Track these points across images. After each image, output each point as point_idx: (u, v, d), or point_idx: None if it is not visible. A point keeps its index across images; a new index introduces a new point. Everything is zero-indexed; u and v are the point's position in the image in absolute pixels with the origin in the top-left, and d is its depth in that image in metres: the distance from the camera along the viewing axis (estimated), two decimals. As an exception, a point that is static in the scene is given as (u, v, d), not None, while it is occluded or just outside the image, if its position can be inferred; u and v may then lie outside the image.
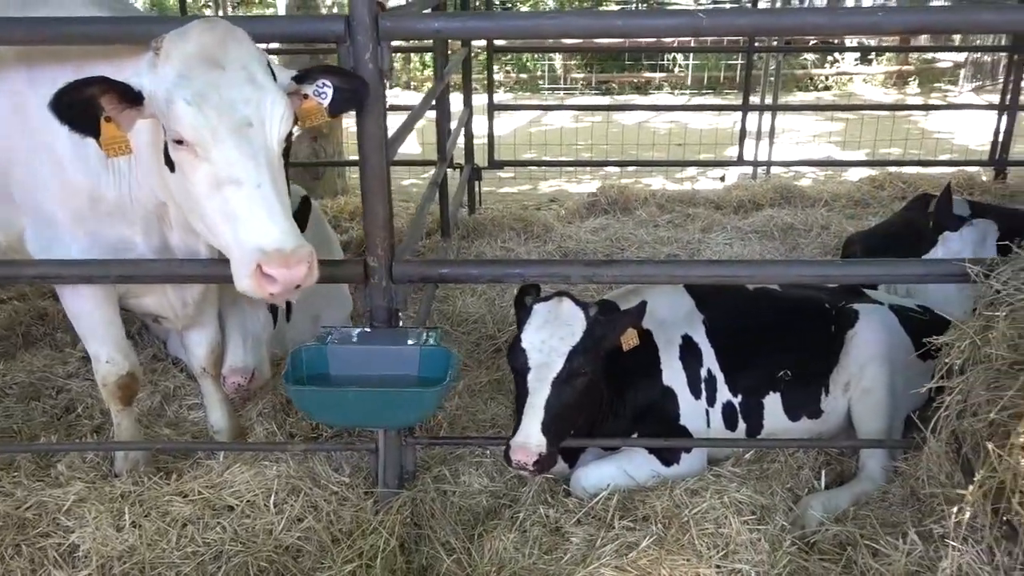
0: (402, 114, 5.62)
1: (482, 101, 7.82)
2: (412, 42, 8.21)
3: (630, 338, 3.13)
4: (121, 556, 2.89)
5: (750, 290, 3.72)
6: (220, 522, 3.05)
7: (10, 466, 3.38)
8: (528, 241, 6.36)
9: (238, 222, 2.35)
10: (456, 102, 7.28)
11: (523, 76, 17.72)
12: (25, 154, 2.85)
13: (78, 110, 2.34)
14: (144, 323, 4.52)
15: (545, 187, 9.37)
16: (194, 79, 2.36)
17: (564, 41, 11.29)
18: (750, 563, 2.83)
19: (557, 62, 17.73)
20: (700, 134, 9.58)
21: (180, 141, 2.39)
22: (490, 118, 7.65)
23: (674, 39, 11.68)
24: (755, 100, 9.06)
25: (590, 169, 9.66)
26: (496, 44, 8.28)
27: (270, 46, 8.49)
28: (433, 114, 5.95)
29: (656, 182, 8.92)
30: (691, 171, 9.52)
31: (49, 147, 2.79)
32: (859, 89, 17.08)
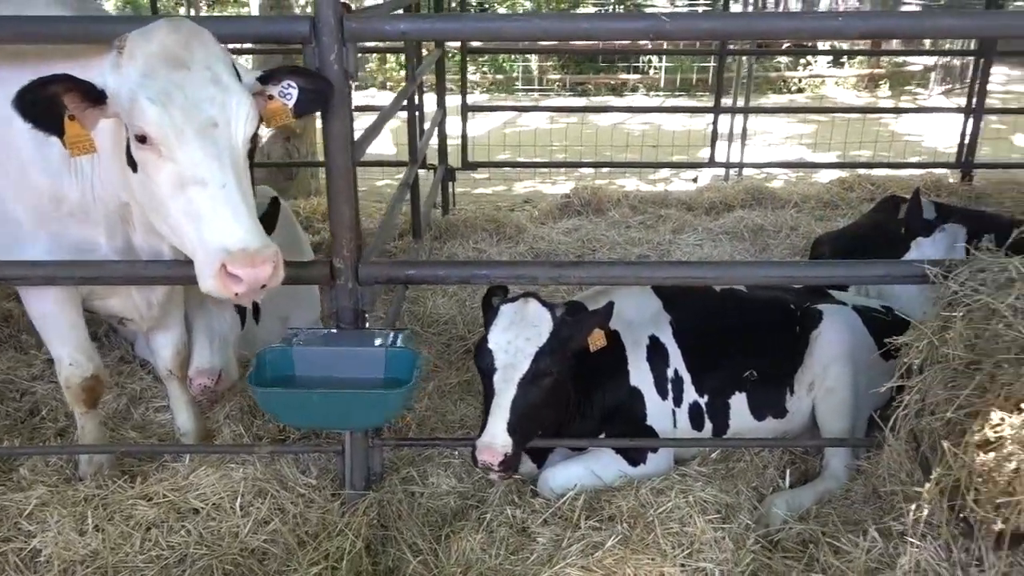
0: (376, 115, 5.64)
1: (456, 102, 7.82)
2: (388, 43, 8.18)
3: (597, 339, 3.15)
4: (84, 560, 2.87)
5: (717, 291, 3.75)
6: (185, 525, 3.04)
7: (-29, 470, 3.34)
8: (500, 242, 6.37)
9: (202, 222, 2.34)
10: (430, 103, 7.29)
11: (499, 77, 17.73)
12: None
13: (41, 108, 2.32)
14: (111, 325, 4.47)
15: (520, 188, 9.39)
16: (158, 79, 2.35)
17: (539, 43, 11.28)
18: (714, 561, 2.86)
19: (533, 63, 17.76)
20: (673, 136, 9.64)
21: (143, 140, 2.37)
22: (463, 119, 7.66)
23: (648, 42, 11.74)
24: (728, 102, 9.14)
25: (565, 170, 9.69)
26: (470, 45, 8.28)
27: (243, 46, 8.47)
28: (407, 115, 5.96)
29: (630, 183, 8.96)
30: (664, 172, 9.57)
31: (9, 146, 2.76)
32: (831, 92, 17.26)
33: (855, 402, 3.47)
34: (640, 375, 3.45)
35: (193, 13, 10.43)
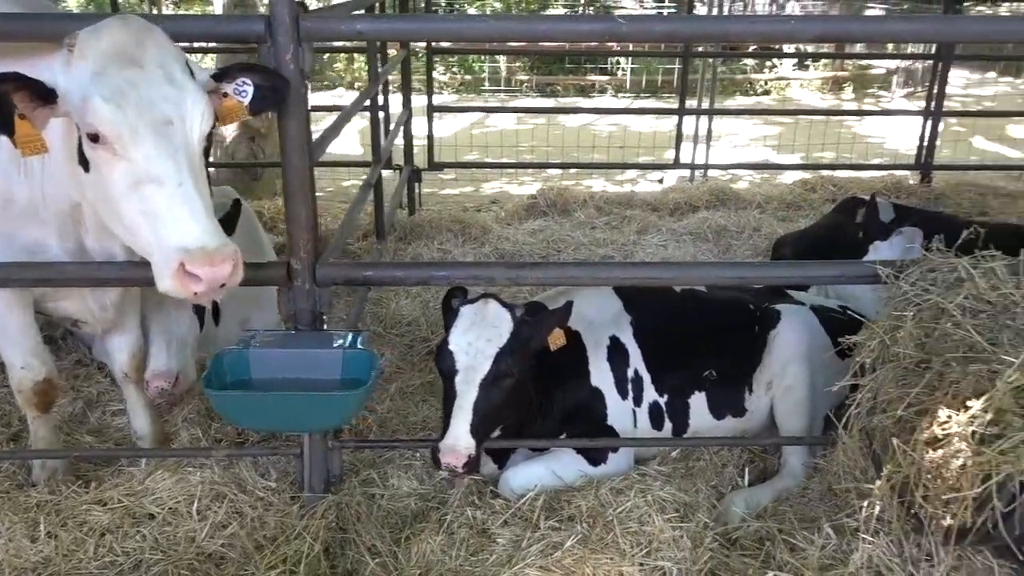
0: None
1: (424, 102, 7.80)
2: (354, 43, 8.14)
3: (557, 338, 3.16)
4: (35, 567, 2.83)
5: (677, 292, 3.78)
6: (140, 530, 3.01)
7: (-79, 476, 3.27)
8: (465, 243, 6.36)
9: (159, 221, 2.31)
10: (398, 103, 7.27)
11: (468, 78, 17.71)
12: None
13: None
14: (67, 328, 4.40)
15: (487, 189, 9.39)
16: (111, 76, 2.32)
17: (506, 44, 11.29)
18: (672, 560, 2.88)
19: (502, 64, 17.76)
20: (639, 137, 9.69)
21: (96, 140, 2.33)
22: (429, 119, 7.64)
23: (616, 44, 11.80)
24: (694, 104, 9.21)
25: (532, 171, 9.70)
26: (436, 46, 8.26)
27: (209, 46, 8.38)
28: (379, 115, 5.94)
29: (597, 184, 9.00)
30: (631, 173, 9.62)
31: None
32: (796, 94, 17.46)
33: (812, 401, 3.51)
34: (601, 375, 3.47)
35: (155, 11, 10.30)
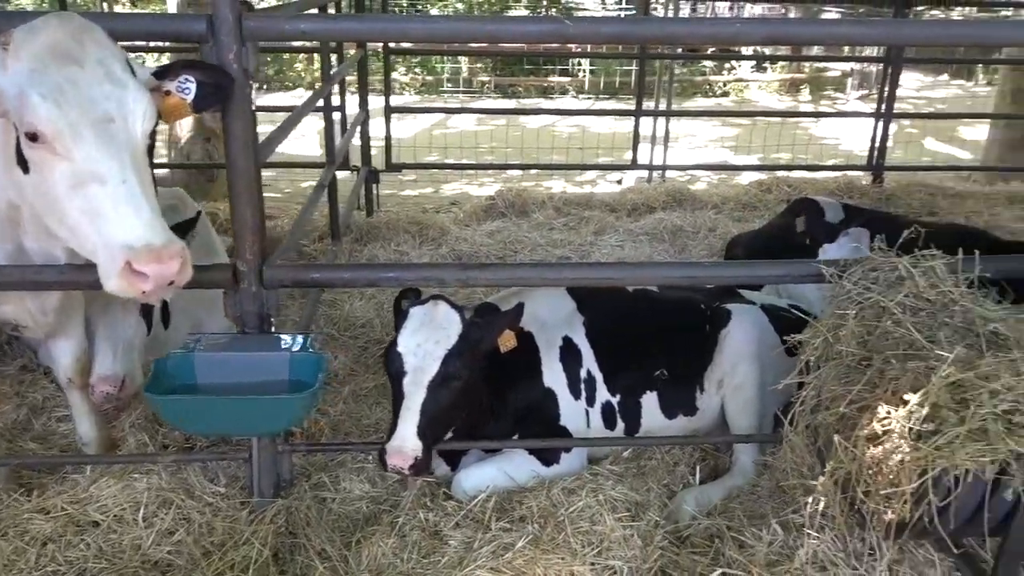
0: (309, 116, 5.55)
1: (382, 103, 7.76)
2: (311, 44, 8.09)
3: (507, 340, 3.16)
4: (-27, 578, 2.75)
5: (630, 292, 3.80)
6: (84, 538, 2.94)
7: None
8: (423, 244, 6.33)
9: (103, 220, 2.26)
10: (355, 104, 7.22)
11: (429, 78, 17.67)
12: None
13: None
14: (8, 332, 4.30)
15: (447, 190, 9.37)
16: (49, 74, 2.27)
17: (463, 45, 11.26)
18: (623, 559, 2.89)
19: (463, 65, 17.75)
20: (598, 138, 9.74)
21: (35, 139, 2.28)
22: (387, 120, 7.60)
23: (576, 45, 11.85)
24: (653, 106, 9.28)
25: (493, 172, 9.70)
26: (393, 46, 8.22)
27: (165, 45, 8.25)
28: (336, 116, 5.89)
29: (557, 185, 9.03)
30: (591, 174, 9.67)
31: None
32: (755, 96, 17.71)
33: (762, 399, 3.55)
34: (553, 376, 3.47)
35: (107, 8, 10.12)
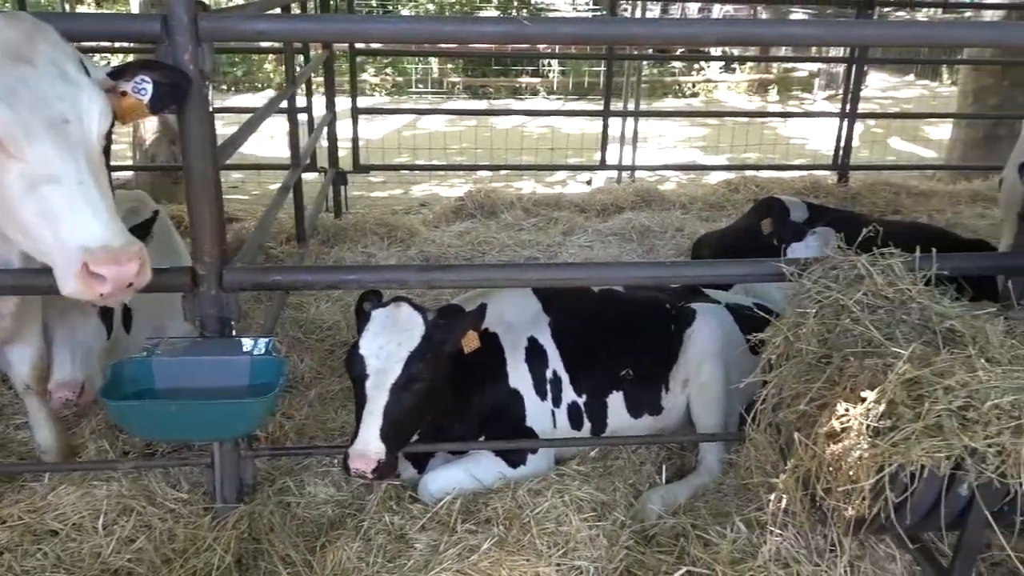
0: (276, 117, 5.50)
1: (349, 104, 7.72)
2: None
3: (471, 341, 3.14)
4: (-75, 591, 2.69)
5: (595, 292, 3.80)
6: (42, 548, 2.90)
7: None
8: (391, 246, 6.30)
9: (59, 222, 2.22)
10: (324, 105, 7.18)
11: (399, 79, 17.61)
12: None
13: None
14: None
15: (417, 191, 9.33)
16: (1, 75, 2.23)
17: (428, 45, 11.22)
18: (589, 559, 2.89)
19: (434, 66, 17.72)
20: (567, 139, 9.76)
21: None
22: (354, 121, 7.55)
23: (547, 45, 11.88)
24: (620, 106, 9.32)
25: (463, 173, 9.68)
26: (359, 47, 8.17)
27: (129, 46, 8.14)
28: (302, 117, 5.83)
29: (527, 186, 9.03)
30: (561, 175, 9.69)
31: None
32: (724, 96, 17.84)
33: (727, 397, 3.57)
34: (519, 377, 3.47)
35: (68, 8, 9.98)
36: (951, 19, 15.02)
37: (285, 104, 5.22)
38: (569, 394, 3.54)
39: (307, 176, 6.96)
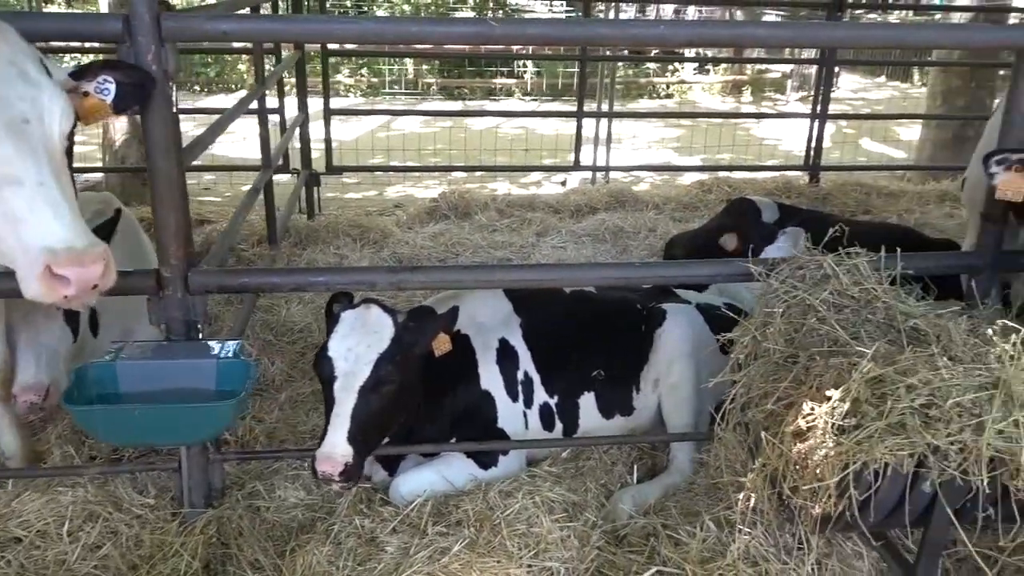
0: (250, 119, 5.47)
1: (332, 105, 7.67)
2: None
3: (442, 343, 3.13)
4: None
5: (567, 293, 3.81)
6: (5, 555, 2.86)
7: None
8: (364, 247, 6.27)
9: (21, 224, 2.18)
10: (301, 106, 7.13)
11: (374, 80, 17.55)
12: None
13: None
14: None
15: (392, 193, 9.30)
16: None
17: (401, 46, 11.17)
18: (560, 560, 2.90)
19: (409, 67, 17.67)
20: (541, 140, 9.77)
21: None
22: (326, 122, 7.51)
23: (523, 46, 11.89)
24: (594, 107, 9.34)
25: (438, 174, 9.65)
26: (332, 48, 8.13)
27: (97, 46, 8.04)
28: (274, 118, 5.77)
29: (502, 187, 9.03)
30: (535, 176, 9.69)
31: None
32: (698, 97, 17.93)
33: (698, 397, 3.58)
34: (491, 378, 3.46)
35: (33, 7, 9.84)
36: (921, 21, 15.22)
37: (256, 105, 5.17)
38: (541, 395, 3.54)
39: (281, 178, 6.93)
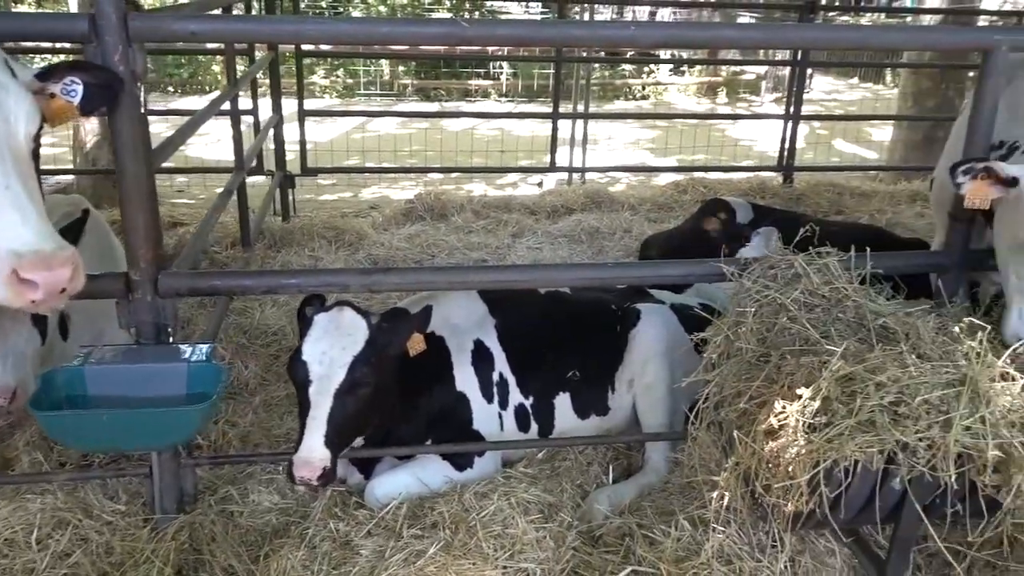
0: (224, 120, 5.42)
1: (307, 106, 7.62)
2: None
3: (416, 344, 3.12)
4: None
5: (541, 294, 3.81)
6: (-30, 565, 2.80)
7: None
8: (339, 249, 6.24)
9: None
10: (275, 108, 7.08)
11: (350, 81, 17.47)
12: None
13: None
14: None
15: (368, 194, 9.25)
16: None
17: (375, 47, 11.13)
18: (535, 561, 2.89)
19: (385, 68, 17.61)
20: (518, 141, 9.78)
21: None
22: (301, 124, 7.46)
23: (500, 47, 11.90)
24: (569, 108, 9.35)
25: (414, 176, 9.62)
26: (306, 48, 8.08)
27: (67, 46, 7.94)
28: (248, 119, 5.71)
29: (479, 188, 9.02)
30: (512, 177, 9.69)
31: None
32: (673, 98, 18.02)
33: (672, 396, 3.60)
34: (466, 380, 3.45)
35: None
36: (893, 23, 15.40)
37: (228, 106, 5.13)
38: (516, 396, 3.54)
39: (256, 179, 6.88)
